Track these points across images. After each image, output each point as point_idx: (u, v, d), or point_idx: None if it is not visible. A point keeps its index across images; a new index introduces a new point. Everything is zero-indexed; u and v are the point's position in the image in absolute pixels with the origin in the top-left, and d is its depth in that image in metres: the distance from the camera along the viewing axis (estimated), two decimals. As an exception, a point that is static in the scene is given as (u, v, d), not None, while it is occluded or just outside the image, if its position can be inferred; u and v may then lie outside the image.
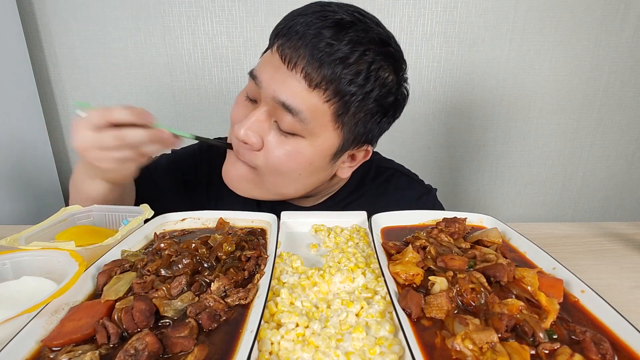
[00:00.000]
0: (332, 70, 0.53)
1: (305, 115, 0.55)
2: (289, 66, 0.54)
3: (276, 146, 0.58)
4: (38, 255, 0.48)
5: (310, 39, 0.53)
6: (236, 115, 0.62)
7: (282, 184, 0.63)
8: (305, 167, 0.60)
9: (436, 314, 0.38)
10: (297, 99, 0.54)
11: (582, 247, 0.67)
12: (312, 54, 0.53)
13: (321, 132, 0.57)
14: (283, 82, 0.55)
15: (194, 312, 0.38)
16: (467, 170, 1.33)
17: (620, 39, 1.18)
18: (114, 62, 1.18)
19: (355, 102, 0.56)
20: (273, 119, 0.58)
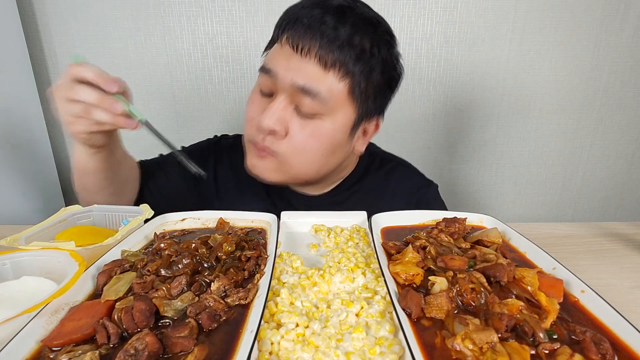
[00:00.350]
0: (341, 51, 0.58)
1: (324, 95, 0.60)
2: (301, 54, 0.59)
3: (300, 130, 0.63)
4: (38, 255, 0.48)
5: (318, 27, 0.58)
6: (253, 112, 0.66)
7: (307, 166, 0.66)
8: (328, 146, 0.65)
9: (436, 314, 0.38)
10: (315, 82, 0.59)
11: (582, 247, 0.67)
12: (322, 40, 0.58)
13: (339, 109, 0.62)
14: (299, 69, 0.59)
15: (194, 312, 0.38)
16: (467, 170, 1.33)
17: (620, 39, 1.18)
18: (114, 62, 1.18)
19: (364, 77, 0.62)
20: (293, 105, 0.62)
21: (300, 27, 0.59)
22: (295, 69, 0.60)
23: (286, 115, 0.62)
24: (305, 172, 0.68)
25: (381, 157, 0.85)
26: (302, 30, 0.59)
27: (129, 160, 0.74)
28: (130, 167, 0.74)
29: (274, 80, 0.62)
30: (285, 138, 0.63)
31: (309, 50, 0.59)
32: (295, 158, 0.65)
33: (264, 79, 0.64)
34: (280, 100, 0.62)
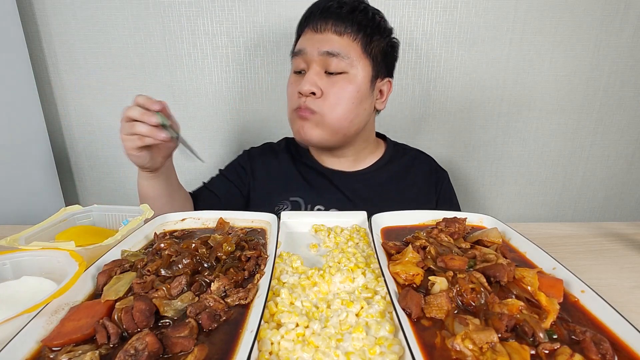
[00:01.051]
0: (347, 21, 0.78)
1: (344, 53, 0.77)
2: (320, 31, 0.79)
3: (332, 86, 0.78)
4: (38, 255, 0.48)
5: (328, 10, 0.79)
6: (293, 87, 0.83)
7: (342, 115, 0.80)
8: (355, 94, 0.79)
9: (436, 314, 0.38)
10: (335, 45, 0.77)
11: (582, 247, 0.67)
12: (334, 16, 0.78)
13: (357, 64, 0.79)
14: (321, 41, 0.78)
15: (194, 312, 0.38)
16: (467, 170, 1.33)
17: (620, 39, 1.18)
18: (114, 62, 1.18)
19: (369, 38, 0.79)
20: (323, 70, 0.79)
21: (316, 15, 0.80)
22: (318, 41, 0.78)
23: (319, 80, 0.78)
24: (342, 123, 0.81)
25: (404, 147, 1.01)
26: (317, 16, 0.79)
27: (183, 191, 0.88)
28: (184, 198, 0.87)
29: (304, 57, 0.80)
30: (322, 97, 0.78)
31: (325, 26, 0.78)
32: (332, 110, 0.79)
33: (297, 60, 0.82)
34: (313, 69, 0.79)
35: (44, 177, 1.19)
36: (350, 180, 0.90)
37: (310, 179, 0.92)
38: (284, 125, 1.25)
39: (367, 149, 0.93)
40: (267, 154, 0.98)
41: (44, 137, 1.18)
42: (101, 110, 1.23)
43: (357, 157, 0.92)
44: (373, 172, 0.92)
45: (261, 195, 0.93)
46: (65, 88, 1.21)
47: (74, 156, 1.29)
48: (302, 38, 0.82)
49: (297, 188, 0.90)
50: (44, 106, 1.19)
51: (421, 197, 0.92)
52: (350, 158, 0.92)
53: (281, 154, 0.97)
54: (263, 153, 0.99)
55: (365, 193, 0.89)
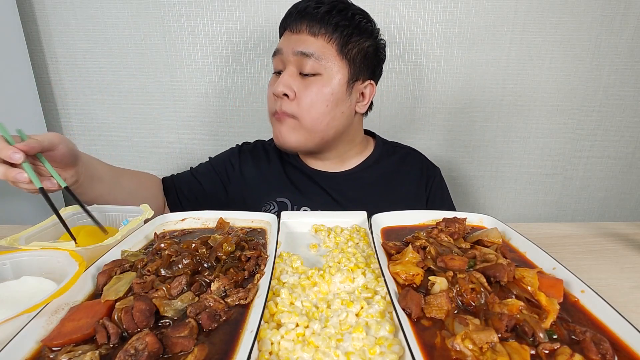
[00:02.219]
0: (322, 21, 0.76)
1: (318, 54, 0.76)
2: (295, 32, 0.78)
3: (305, 88, 0.77)
4: (38, 255, 0.48)
5: (304, 10, 0.77)
6: (270, 88, 0.82)
7: (317, 118, 0.78)
8: (330, 97, 0.77)
9: (436, 314, 0.38)
10: (308, 46, 0.76)
11: (582, 247, 0.67)
12: (308, 17, 0.76)
13: (332, 66, 0.77)
14: (296, 41, 0.77)
15: (194, 312, 0.38)
16: (467, 170, 1.33)
17: (620, 39, 1.18)
18: (114, 62, 1.18)
19: (345, 40, 0.77)
20: (298, 71, 0.77)
21: (293, 15, 0.78)
22: (293, 42, 0.77)
23: (294, 82, 0.77)
24: (318, 126, 0.79)
25: (394, 145, 0.99)
26: (294, 16, 0.78)
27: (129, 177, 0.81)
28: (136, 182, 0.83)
29: (281, 57, 0.79)
30: (295, 99, 0.77)
31: (300, 27, 0.77)
32: (306, 113, 0.77)
33: (275, 61, 0.81)
34: (287, 70, 0.78)
35: (44, 177, 1.18)
36: (336, 181, 0.89)
37: (296, 181, 0.91)
38: (284, 125, 1.25)
39: (353, 150, 0.92)
40: (258, 152, 0.97)
41: (44, 137, 1.18)
42: (101, 110, 1.23)
43: (342, 159, 0.91)
44: (359, 172, 0.91)
45: (248, 194, 0.92)
46: (65, 88, 1.21)
47: (74, 156, 1.29)
48: (281, 38, 0.82)
49: (284, 189, 0.89)
50: (44, 106, 1.18)
51: (410, 197, 0.91)
52: (335, 160, 0.91)
53: (272, 153, 0.96)
54: (254, 151, 0.97)
55: (351, 194, 0.88)
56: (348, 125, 0.84)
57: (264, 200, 0.88)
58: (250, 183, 0.93)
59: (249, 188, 0.92)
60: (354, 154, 0.92)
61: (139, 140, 1.26)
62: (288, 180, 0.91)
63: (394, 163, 0.94)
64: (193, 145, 1.28)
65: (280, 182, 0.90)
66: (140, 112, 1.23)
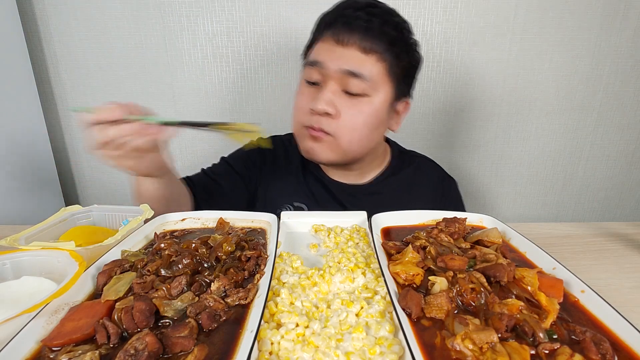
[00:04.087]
0: (376, 39, 0.70)
1: (367, 75, 0.70)
2: (343, 45, 0.71)
3: (350, 108, 0.72)
4: (38, 255, 0.48)
5: (354, 21, 0.70)
6: (304, 100, 0.75)
7: (356, 141, 0.75)
8: (373, 120, 0.74)
9: (436, 314, 0.38)
10: (359, 65, 0.70)
11: (582, 247, 0.67)
12: (360, 31, 0.70)
13: (380, 87, 0.73)
14: (343, 57, 0.70)
15: (194, 312, 0.38)
16: (467, 170, 1.33)
17: (620, 39, 1.18)
18: (114, 62, 1.18)
19: (396, 59, 0.73)
20: (342, 89, 0.72)
21: (340, 24, 0.71)
22: (340, 57, 0.70)
23: (336, 99, 0.72)
24: (354, 148, 0.77)
25: (410, 155, 0.97)
26: (341, 26, 0.71)
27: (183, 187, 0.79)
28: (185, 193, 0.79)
29: (321, 70, 0.72)
30: (338, 118, 0.72)
31: (350, 41, 0.70)
32: (347, 135, 0.74)
33: (311, 71, 0.74)
34: (330, 86, 0.72)
35: (44, 177, 1.19)
36: (354, 195, 0.87)
37: (314, 189, 0.89)
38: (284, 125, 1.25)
39: (374, 162, 0.90)
40: (278, 151, 0.93)
41: (44, 137, 1.18)
42: (101, 110, 1.23)
43: (363, 171, 0.89)
44: (377, 186, 0.88)
45: (268, 194, 0.90)
46: (65, 88, 1.21)
47: (74, 156, 1.29)
48: (321, 46, 0.74)
49: (303, 194, 0.88)
50: (44, 106, 1.19)
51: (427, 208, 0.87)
52: (357, 172, 0.88)
53: (292, 155, 0.91)
54: (275, 150, 0.93)
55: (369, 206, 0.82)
56: (379, 142, 0.83)
57: (281, 202, 0.87)
58: (270, 183, 0.91)
59: (270, 188, 0.90)
60: (374, 166, 0.90)
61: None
62: (307, 188, 0.88)
63: (410, 175, 0.91)
64: (193, 145, 1.28)
65: (299, 187, 0.89)
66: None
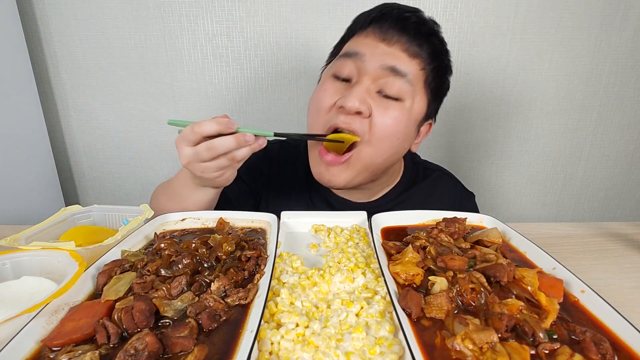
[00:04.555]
0: (422, 44, 0.66)
1: (410, 77, 0.65)
2: (388, 43, 0.65)
3: (384, 110, 0.65)
4: (38, 255, 0.48)
5: (403, 22, 0.65)
6: (328, 97, 0.67)
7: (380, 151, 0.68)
8: (403, 131, 0.67)
9: (436, 314, 0.38)
10: (404, 65, 0.65)
11: (582, 247, 0.67)
12: (408, 33, 0.65)
13: (417, 96, 0.67)
14: (387, 54, 0.65)
15: (194, 312, 0.38)
16: (467, 170, 1.33)
17: (620, 39, 1.18)
18: (114, 62, 1.18)
19: (435, 71, 0.68)
20: (377, 88, 0.65)
21: (387, 21, 0.66)
22: (383, 53, 0.65)
23: (369, 97, 0.65)
24: (375, 161, 0.69)
25: (424, 167, 0.88)
26: (389, 23, 0.66)
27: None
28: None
29: (359, 64, 0.65)
30: (369, 118, 0.65)
31: (396, 41, 0.65)
32: (377, 140, 0.66)
33: (346, 63, 0.67)
34: (364, 82, 0.65)
35: (44, 177, 1.19)
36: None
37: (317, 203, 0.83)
38: (284, 125, 1.25)
39: (388, 181, 0.82)
40: (284, 162, 0.86)
41: (44, 137, 1.18)
42: (101, 110, 1.23)
43: (374, 190, 0.81)
44: (387, 205, 0.81)
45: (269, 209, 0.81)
46: (65, 88, 1.21)
47: (74, 156, 1.29)
48: (360, 40, 0.68)
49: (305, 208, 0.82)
50: (44, 106, 1.19)
51: None
52: (369, 192, 0.81)
53: (299, 165, 0.84)
54: (280, 158, 0.87)
55: None
56: (399, 159, 0.77)
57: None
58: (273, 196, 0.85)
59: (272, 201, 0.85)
60: (387, 184, 0.82)
61: (139, 140, 1.26)
62: (311, 203, 0.83)
63: (423, 190, 0.83)
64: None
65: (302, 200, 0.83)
66: (140, 112, 1.23)
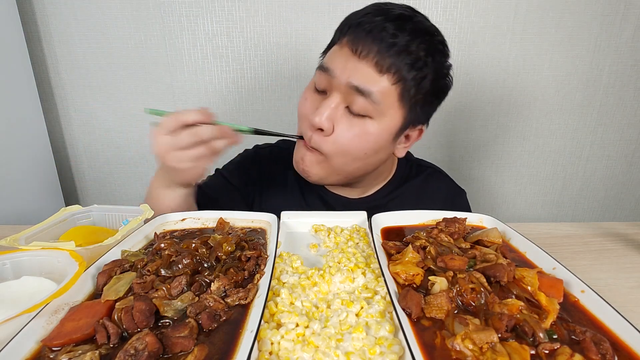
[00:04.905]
0: (398, 57, 0.61)
1: (376, 96, 0.62)
2: (360, 56, 0.62)
3: (347, 129, 0.65)
4: (38, 255, 0.48)
5: (378, 32, 0.61)
6: (307, 108, 0.69)
7: (348, 164, 0.69)
8: (371, 146, 0.67)
9: (436, 314, 0.38)
10: (369, 83, 0.62)
11: (582, 247, 0.67)
12: (381, 44, 0.61)
13: (388, 112, 0.64)
14: (355, 70, 0.62)
15: (194, 312, 0.38)
16: (467, 170, 1.33)
17: (620, 38, 1.18)
18: (114, 62, 1.18)
19: (415, 84, 0.64)
20: (344, 105, 0.65)
21: (362, 31, 0.62)
22: (351, 69, 0.63)
23: (337, 114, 0.65)
24: (345, 170, 0.71)
25: (417, 164, 0.89)
26: (363, 34, 0.62)
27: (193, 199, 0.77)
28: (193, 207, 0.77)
29: (330, 79, 0.65)
30: (332, 136, 0.65)
31: (367, 54, 0.61)
32: (339, 156, 0.67)
33: (321, 77, 0.67)
34: (333, 99, 0.65)
35: (44, 177, 1.19)
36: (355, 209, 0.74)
37: (310, 201, 0.83)
38: (284, 125, 1.25)
39: (379, 178, 0.82)
40: (275, 163, 0.87)
41: (44, 137, 1.18)
42: (101, 110, 1.23)
43: (365, 188, 0.82)
44: (380, 200, 0.82)
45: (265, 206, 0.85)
46: (65, 88, 1.21)
47: (74, 156, 1.29)
48: (336, 51, 0.67)
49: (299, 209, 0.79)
50: (44, 106, 1.19)
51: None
52: (358, 190, 0.82)
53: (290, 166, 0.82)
54: (271, 161, 0.88)
55: None
56: (380, 164, 0.76)
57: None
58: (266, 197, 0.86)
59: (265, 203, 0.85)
60: (379, 180, 0.83)
61: (139, 140, 1.26)
62: (304, 201, 0.83)
63: (416, 187, 0.85)
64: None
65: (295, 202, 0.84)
66: (140, 112, 1.23)
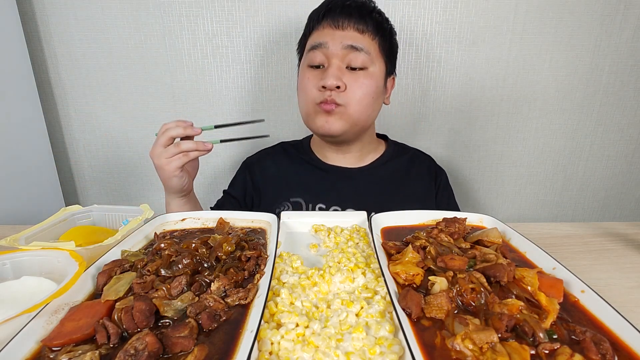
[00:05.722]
0: (368, 21, 0.82)
1: (366, 49, 0.81)
2: (342, 28, 0.82)
3: (355, 81, 0.82)
4: (38, 255, 0.48)
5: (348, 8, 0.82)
6: (310, 81, 0.84)
7: (364, 112, 0.84)
8: (375, 89, 0.84)
9: (436, 314, 0.38)
10: (359, 41, 0.81)
11: (582, 247, 0.67)
12: (356, 14, 0.82)
13: (376, 61, 0.84)
14: (344, 36, 0.81)
15: (194, 312, 0.38)
16: (467, 170, 1.33)
17: (620, 39, 1.18)
18: (114, 62, 1.18)
19: (384, 39, 0.85)
20: (345, 65, 0.82)
21: (336, 11, 0.82)
22: (340, 37, 0.81)
23: (343, 74, 0.81)
24: (361, 116, 0.84)
25: (403, 147, 1.05)
26: (338, 12, 0.82)
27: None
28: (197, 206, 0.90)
29: (325, 51, 0.82)
30: (346, 90, 0.81)
31: (347, 24, 0.81)
32: (356, 104, 0.82)
33: (315, 53, 0.83)
34: (334, 63, 0.81)
35: (44, 177, 1.19)
36: (353, 177, 0.93)
37: (309, 178, 0.94)
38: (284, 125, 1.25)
39: (371, 145, 0.97)
40: (263, 159, 1.01)
41: (44, 137, 1.18)
42: (101, 110, 1.23)
43: (362, 153, 0.95)
44: (375, 168, 0.95)
45: (263, 201, 0.95)
46: (65, 88, 1.21)
47: (74, 156, 1.29)
48: (319, 32, 0.84)
49: (297, 188, 0.92)
50: (44, 106, 1.19)
51: (423, 193, 0.95)
52: (356, 154, 0.95)
53: (277, 156, 1.00)
54: (259, 159, 1.02)
55: (367, 189, 0.92)
56: (375, 117, 0.92)
57: (278, 202, 0.91)
58: (265, 190, 0.97)
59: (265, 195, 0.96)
60: (371, 150, 0.97)
61: (139, 140, 1.26)
62: (301, 178, 0.95)
63: (405, 162, 0.99)
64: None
65: (292, 181, 0.94)
66: (140, 112, 1.23)
